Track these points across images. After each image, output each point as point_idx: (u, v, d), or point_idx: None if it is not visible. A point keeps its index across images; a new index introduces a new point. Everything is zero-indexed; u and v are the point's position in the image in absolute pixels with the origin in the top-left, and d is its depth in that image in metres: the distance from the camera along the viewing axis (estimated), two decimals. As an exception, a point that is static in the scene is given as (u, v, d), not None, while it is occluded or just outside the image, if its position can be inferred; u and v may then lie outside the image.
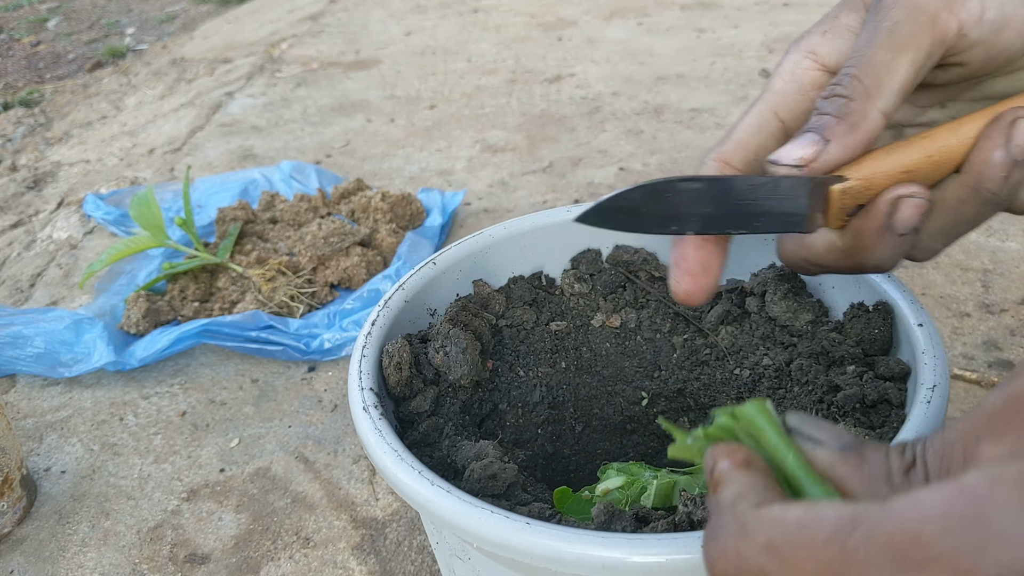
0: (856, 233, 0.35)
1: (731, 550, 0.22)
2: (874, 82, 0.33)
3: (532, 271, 0.56)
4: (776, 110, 0.38)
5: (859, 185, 0.34)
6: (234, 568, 0.66)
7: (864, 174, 0.34)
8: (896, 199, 0.33)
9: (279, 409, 0.83)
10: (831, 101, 0.34)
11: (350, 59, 1.98)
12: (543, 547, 0.31)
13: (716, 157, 0.38)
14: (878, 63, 0.33)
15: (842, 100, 0.34)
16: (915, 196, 0.33)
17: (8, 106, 2.12)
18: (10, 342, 0.90)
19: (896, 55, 0.33)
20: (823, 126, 0.34)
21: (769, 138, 0.38)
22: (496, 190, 1.25)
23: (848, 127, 0.33)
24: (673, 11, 2.12)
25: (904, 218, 0.33)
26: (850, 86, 0.34)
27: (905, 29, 0.33)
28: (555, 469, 0.53)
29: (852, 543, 0.19)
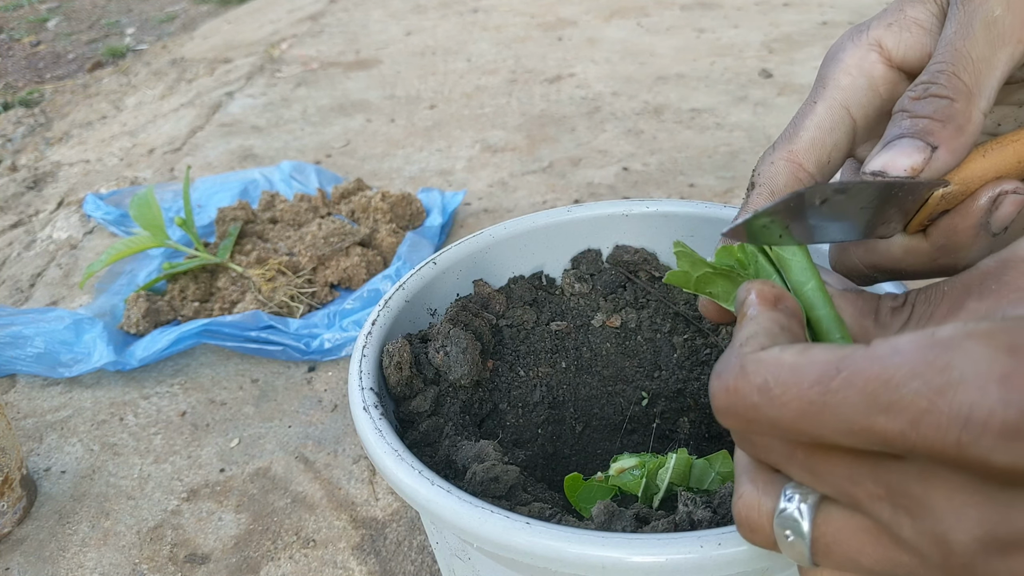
0: (948, 233, 0.33)
1: (731, 387, 0.24)
2: (975, 80, 0.31)
3: (532, 271, 0.56)
4: (848, 106, 0.35)
5: (958, 190, 0.32)
6: (234, 568, 0.66)
7: (963, 177, 0.32)
8: (998, 196, 0.31)
9: (279, 409, 0.83)
10: (928, 102, 0.31)
11: (350, 59, 1.98)
12: (543, 547, 0.31)
13: (787, 157, 0.35)
14: (977, 58, 0.31)
15: (943, 101, 0.31)
16: (1018, 192, 0.31)
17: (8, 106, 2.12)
18: (10, 342, 0.90)
19: (996, 50, 0.31)
20: (926, 130, 0.31)
21: (843, 136, 0.35)
22: (496, 190, 1.25)
23: (955, 131, 0.31)
24: (673, 11, 2.12)
25: (1004, 215, 0.31)
26: (950, 84, 0.31)
27: (1006, 21, 0.31)
28: (555, 469, 0.53)
29: (834, 386, 0.21)
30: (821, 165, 0.35)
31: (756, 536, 0.26)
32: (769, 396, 0.22)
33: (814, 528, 0.24)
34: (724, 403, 0.24)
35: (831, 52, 0.36)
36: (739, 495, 0.27)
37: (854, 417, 0.21)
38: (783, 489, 0.25)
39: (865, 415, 0.21)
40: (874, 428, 0.21)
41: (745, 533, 0.26)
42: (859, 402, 0.21)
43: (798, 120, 0.36)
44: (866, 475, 0.22)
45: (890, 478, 0.22)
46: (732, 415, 0.24)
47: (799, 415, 0.22)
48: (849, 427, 0.21)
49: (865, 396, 0.21)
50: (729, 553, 0.30)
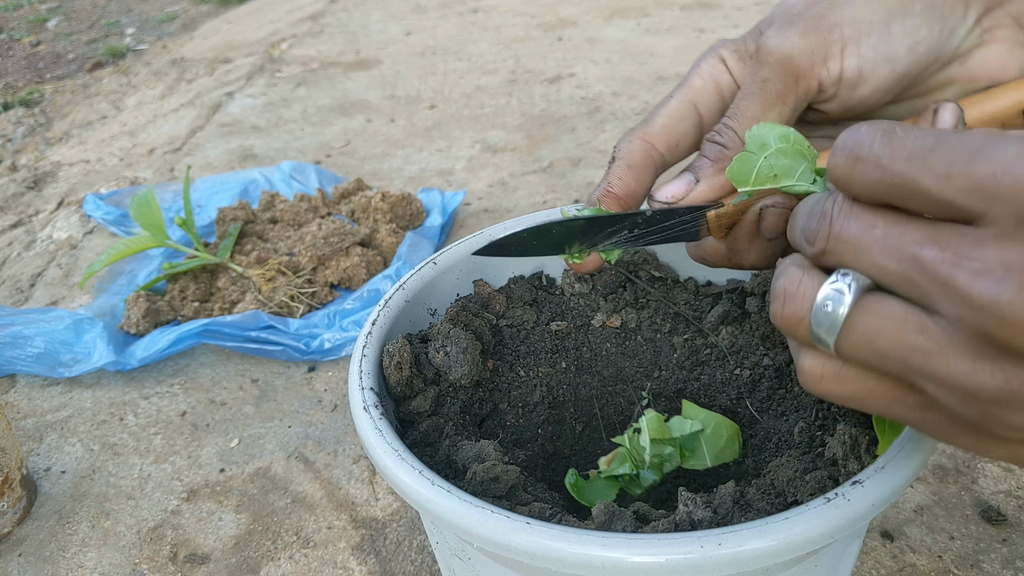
0: (733, 240, 0.41)
1: (863, 129, 0.27)
2: (745, 133, 0.39)
3: (532, 271, 0.56)
4: (696, 103, 0.43)
5: (732, 210, 0.40)
6: (234, 568, 0.66)
7: (735, 200, 0.40)
8: (762, 209, 0.38)
9: (279, 409, 0.83)
10: (709, 146, 0.40)
11: (350, 59, 1.98)
12: (543, 547, 0.31)
13: (642, 137, 0.43)
14: (750, 116, 0.39)
15: (718, 147, 0.40)
16: (776, 205, 0.38)
17: (8, 106, 2.12)
18: (10, 342, 0.90)
19: (765, 110, 0.39)
20: (698, 167, 0.40)
21: (690, 126, 0.43)
22: (496, 190, 1.25)
23: (717, 170, 0.39)
24: (673, 11, 2.12)
25: (769, 225, 0.38)
26: (726, 135, 0.39)
27: (773, 87, 0.39)
28: (555, 469, 0.53)
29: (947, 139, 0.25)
30: (671, 147, 0.43)
31: (788, 307, 0.29)
32: (888, 138, 0.26)
33: (854, 305, 0.27)
34: (851, 145, 0.27)
35: (696, 60, 0.44)
36: (783, 273, 0.30)
37: (955, 163, 0.24)
38: (835, 273, 0.28)
39: (968, 159, 0.24)
40: (973, 170, 0.24)
41: (777, 306, 0.30)
42: (962, 155, 0.24)
43: (656, 109, 0.44)
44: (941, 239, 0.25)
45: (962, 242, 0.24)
46: (847, 156, 0.27)
47: (913, 152, 0.25)
48: (948, 170, 0.24)
49: (968, 152, 0.24)
50: (729, 553, 0.30)
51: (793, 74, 0.38)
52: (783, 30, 0.39)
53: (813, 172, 0.36)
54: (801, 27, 0.38)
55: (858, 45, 0.38)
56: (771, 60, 0.38)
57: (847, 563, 0.41)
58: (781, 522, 0.31)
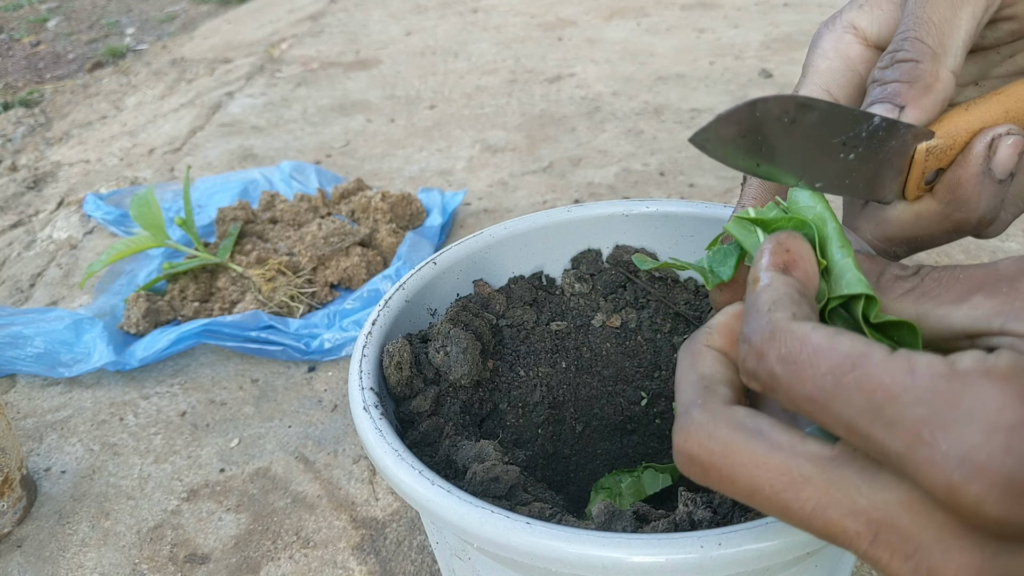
0: (953, 187, 0.33)
1: (756, 349, 0.24)
2: (938, 41, 0.32)
3: (532, 271, 0.56)
4: (827, 88, 0.36)
5: (944, 144, 0.32)
6: (234, 568, 0.66)
7: (947, 131, 0.32)
8: (994, 139, 0.31)
9: (279, 409, 0.83)
10: (895, 67, 0.32)
11: (350, 59, 1.98)
12: (543, 547, 0.31)
13: None
14: (939, 21, 0.32)
15: (908, 64, 0.32)
16: (1013, 134, 0.31)
17: (8, 106, 2.12)
18: (10, 342, 0.90)
19: (956, 10, 0.32)
20: (894, 93, 0.32)
21: None
22: (496, 190, 1.25)
23: (922, 89, 0.32)
24: (673, 11, 2.12)
25: (1004, 159, 0.31)
26: (914, 48, 0.32)
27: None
28: (555, 469, 0.53)
29: (844, 381, 0.22)
30: None
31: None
32: (789, 369, 0.23)
33: None
34: (752, 366, 0.24)
35: (811, 42, 0.38)
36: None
37: (856, 418, 0.21)
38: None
39: (867, 421, 0.21)
40: (872, 437, 0.21)
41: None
42: (864, 406, 0.21)
43: None
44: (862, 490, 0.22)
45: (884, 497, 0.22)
46: (755, 378, 0.24)
47: (809, 397, 0.22)
48: (849, 426, 0.21)
49: (870, 403, 0.21)
50: (729, 553, 0.30)
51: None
52: None
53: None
54: None
55: None
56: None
57: (847, 563, 0.41)
58: (781, 522, 0.31)
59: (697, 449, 0.25)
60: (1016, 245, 0.95)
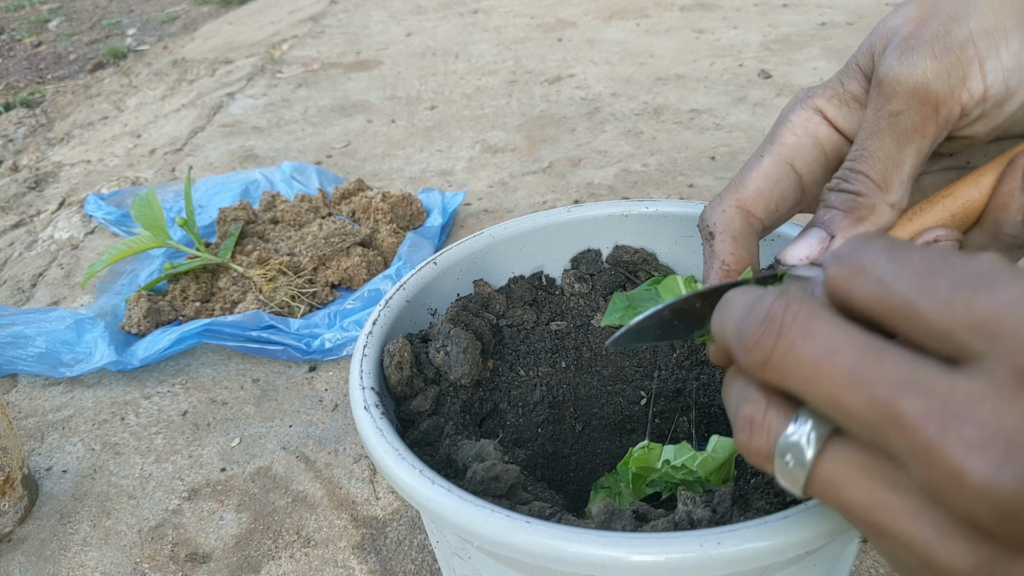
0: None
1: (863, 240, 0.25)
2: (882, 176, 0.34)
3: (532, 271, 0.56)
4: (792, 162, 0.38)
5: None
6: (235, 567, 0.66)
7: None
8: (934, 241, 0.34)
9: (280, 409, 0.84)
10: (838, 195, 0.35)
11: (351, 60, 1.98)
12: (543, 546, 0.32)
13: (737, 204, 0.38)
14: (884, 157, 0.34)
15: (849, 196, 0.34)
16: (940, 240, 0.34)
17: (9, 106, 2.12)
18: (11, 342, 0.90)
19: (901, 147, 0.34)
20: (829, 221, 0.34)
21: (788, 189, 0.38)
22: (496, 190, 1.25)
23: (854, 221, 0.34)
24: (672, 12, 2.12)
25: None
26: (857, 180, 0.34)
27: (909, 120, 0.33)
28: (555, 469, 0.53)
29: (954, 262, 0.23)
30: (769, 213, 0.38)
31: (755, 441, 0.26)
32: (892, 253, 0.23)
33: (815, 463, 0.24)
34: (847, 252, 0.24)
35: (782, 113, 0.39)
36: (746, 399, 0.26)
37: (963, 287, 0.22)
38: (796, 413, 0.25)
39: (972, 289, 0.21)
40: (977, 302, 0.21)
41: (743, 437, 0.26)
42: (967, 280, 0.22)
43: (745, 172, 0.38)
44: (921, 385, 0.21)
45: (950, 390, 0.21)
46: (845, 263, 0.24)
47: (916, 271, 0.22)
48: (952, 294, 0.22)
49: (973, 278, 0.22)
50: (729, 552, 0.30)
51: (931, 102, 0.33)
52: (907, 55, 0.33)
53: None
54: (927, 50, 0.33)
55: (998, 57, 0.33)
56: (901, 90, 0.33)
57: (846, 562, 0.41)
58: (780, 521, 0.31)
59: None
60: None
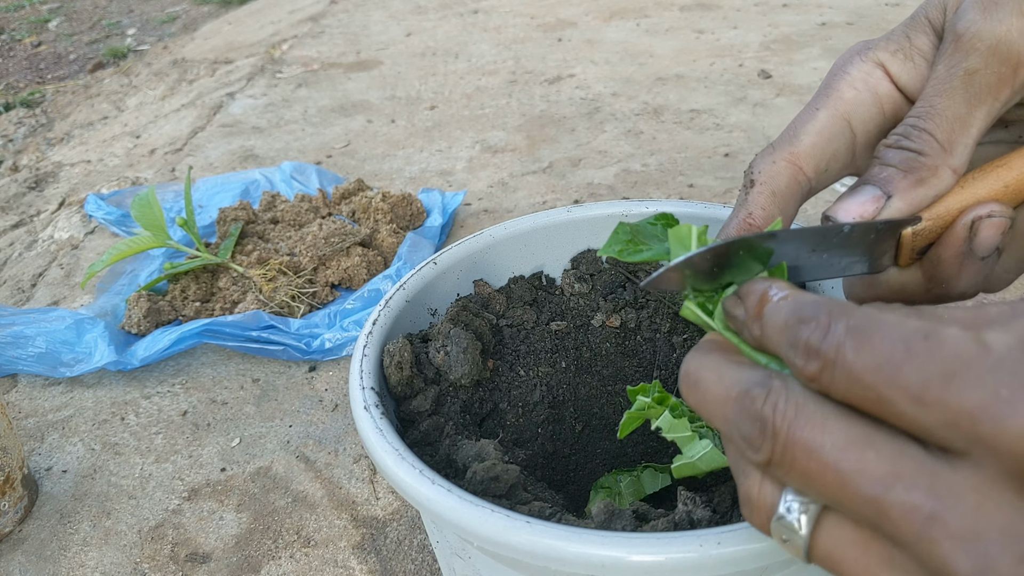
0: (935, 264, 0.33)
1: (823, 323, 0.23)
2: (947, 137, 0.32)
3: (532, 271, 0.56)
4: (849, 118, 0.35)
5: (931, 226, 0.32)
6: (235, 567, 0.66)
7: (937, 212, 0.33)
8: (975, 221, 0.32)
9: (280, 409, 0.84)
10: (897, 152, 0.32)
11: (351, 60, 1.98)
12: (543, 546, 0.32)
13: (789, 158, 0.35)
14: (952, 117, 0.32)
15: (911, 154, 0.32)
16: (993, 215, 0.32)
17: (9, 106, 2.12)
18: (11, 342, 0.90)
19: (972, 108, 0.31)
20: (887, 179, 0.32)
21: (843, 147, 0.35)
22: (496, 190, 1.25)
23: (914, 182, 0.32)
24: (672, 12, 2.12)
25: (985, 240, 0.32)
26: (920, 139, 0.32)
27: (984, 79, 0.31)
28: (555, 468, 0.53)
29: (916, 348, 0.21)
30: (819, 172, 0.35)
31: (754, 517, 0.26)
32: (858, 340, 0.22)
33: (812, 538, 0.24)
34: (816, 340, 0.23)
35: (837, 63, 0.36)
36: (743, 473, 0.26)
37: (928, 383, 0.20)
38: (783, 494, 0.24)
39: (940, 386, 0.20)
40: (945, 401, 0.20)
41: (745, 511, 0.26)
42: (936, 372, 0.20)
43: (799, 124, 0.35)
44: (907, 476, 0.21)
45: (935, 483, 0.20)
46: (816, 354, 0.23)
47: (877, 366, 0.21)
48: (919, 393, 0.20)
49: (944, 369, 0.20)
50: (728, 552, 0.30)
51: (1012, 62, 0.31)
52: (991, 11, 0.31)
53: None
54: (1015, 6, 0.31)
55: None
56: (981, 47, 0.31)
57: (846, 562, 0.41)
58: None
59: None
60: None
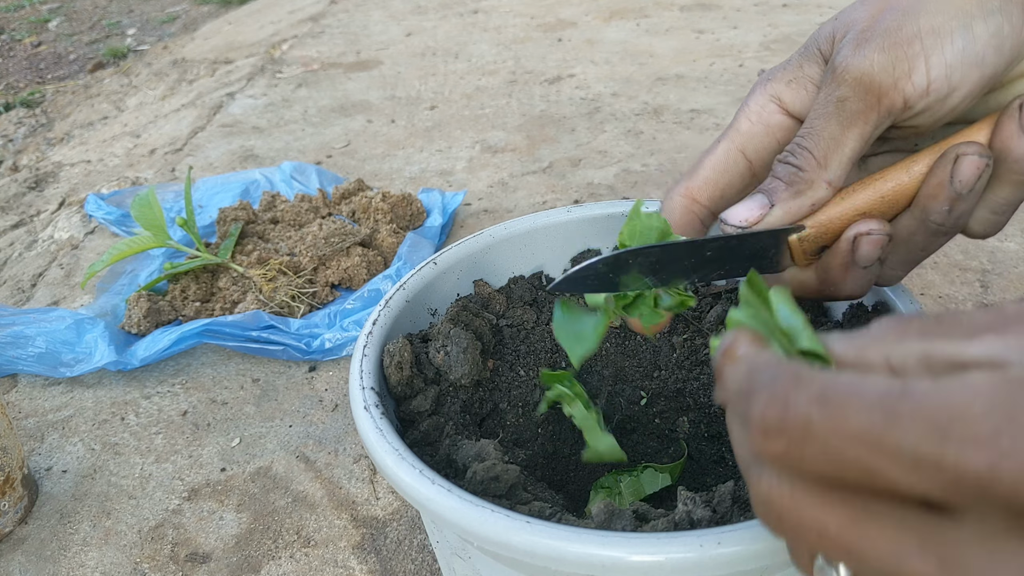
0: (824, 269, 0.38)
1: (779, 397, 0.21)
2: (824, 155, 0.36)
3: (532, 271, 0.56)
4: (743, 149, 0.40)
5: (814, 233, 0.37)
6: (235, 567, 0.66)
7: (819, 221, 0.37)
8: (856, 237, 0.36)
9: (280, 409, 0.84)
10: (782, 166, 0.37)
11: (351, 60, 1.98)
12: (543, 546, 0.32)
13: (684, 193, 0.41)
14: (827, 137, 0.36)
15: (792, 168, 0.37)
16: (872, 233, 0.36)
17: (9, 106, 2.12)
18: (11, 342, 0.90)
19: (844, 130, 0.36)
20: (772, 190, 0.37)
21: (736, 176, 0.41)
22: (496, 190, 1.25)
23: (793, 193, 0.36)
24: (672, 12, 2.12)
25: (865, 253, 0.36)
26: (801, 156, 0.36)
27: (853, 106, 0.36)
28: (555, 469, 0.53)
29: (900, 408, 0.19)
30: (714, 200, 0.41)
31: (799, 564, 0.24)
32: (828, 409, 0.20)
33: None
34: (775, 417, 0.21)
35: (745, 97, 0.41)
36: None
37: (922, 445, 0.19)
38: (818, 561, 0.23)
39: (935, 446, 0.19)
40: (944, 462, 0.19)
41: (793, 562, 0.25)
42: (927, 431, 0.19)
43: (701, 158, 0.41)
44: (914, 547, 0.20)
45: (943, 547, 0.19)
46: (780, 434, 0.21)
47: (859, 434, 0.19)
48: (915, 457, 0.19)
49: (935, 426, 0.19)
50: (729, 552, 0.30)
51: (875, 92, 0.35)
52: (859, 47, 0.36)
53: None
54: (878, 43, 0.35)
55: (943, 54, 0.34)
56: (849, 79, 0.36)
57: (846, 562, 0.41)
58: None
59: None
60: (1014, 245, 0.95)
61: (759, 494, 0.23)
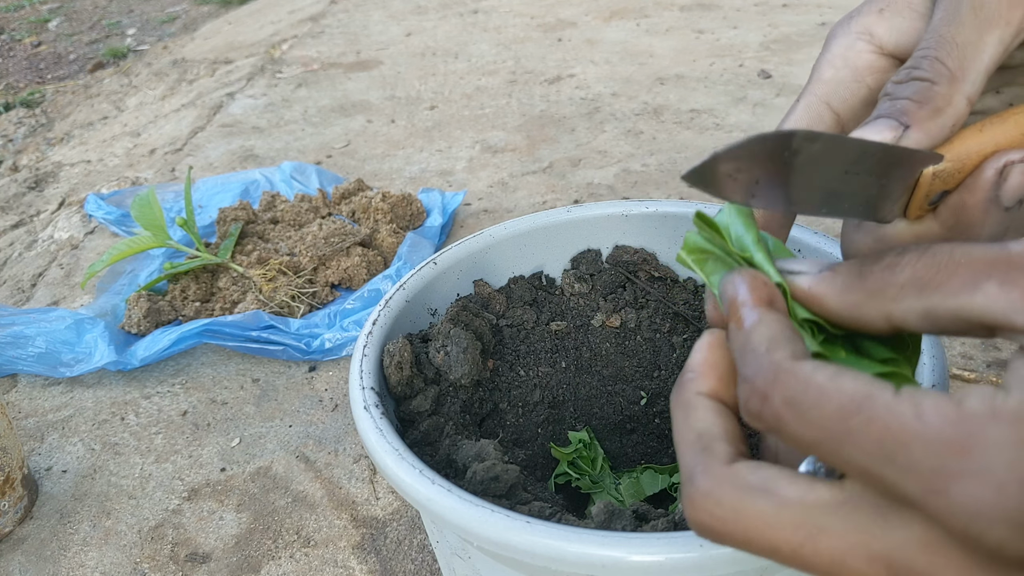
0: (957, 212, 0.31)
1: (760, 392, 0.23)
2: (959, 64, 0.30)
3: (532, 271, 0.56)
4: (828, 100, 0.34)
5: (951, 168, 0.30)
6: (235, 567, 0.66)
7: (958, 154, 0.30)
8: (1006, 165, 0.29)
9: (280, 409, 0.84)
10: (908, 85, 0.30)
11: (351, 60, 1.98)
12: (543, 546, 0.32)
13: None
14: (962, 43, 0.30)
15: (923, 84, 0.30)
16: (1016, 163, 0.29)
17: (9, 106, 2.12)
18: (11, 342, 0.90)
19: (983, 34, 0.30)
20: (902, 110, 0.30)
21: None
22: (496, 190, 1.25)
23: (931, 112, 0.30)
24: (672, 12, 2.12)
25: (1013, 187, 0.29)
26: (931, 69, 0.30)
27: (993, 4, 0.30)
28: (555, 469, 0.53)
29: (852, 425, 0.21)
30: None
31: None
32: (794, 412, 0.22)
33: None
34: (755, 408, 0.23)
35: (826, 40, 0.35)
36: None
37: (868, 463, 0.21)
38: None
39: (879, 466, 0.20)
40: (885, 481, 0.20)
41: None
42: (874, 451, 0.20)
43: (784, 120, 0.35)
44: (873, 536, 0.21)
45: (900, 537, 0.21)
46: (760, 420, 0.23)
47: (816, 441, 0.22)
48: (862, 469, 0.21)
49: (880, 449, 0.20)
50: (728, 552, 0.30)
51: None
52: None
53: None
54: None
55: None
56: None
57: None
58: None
59: (708, 519, 0.24)
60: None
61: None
